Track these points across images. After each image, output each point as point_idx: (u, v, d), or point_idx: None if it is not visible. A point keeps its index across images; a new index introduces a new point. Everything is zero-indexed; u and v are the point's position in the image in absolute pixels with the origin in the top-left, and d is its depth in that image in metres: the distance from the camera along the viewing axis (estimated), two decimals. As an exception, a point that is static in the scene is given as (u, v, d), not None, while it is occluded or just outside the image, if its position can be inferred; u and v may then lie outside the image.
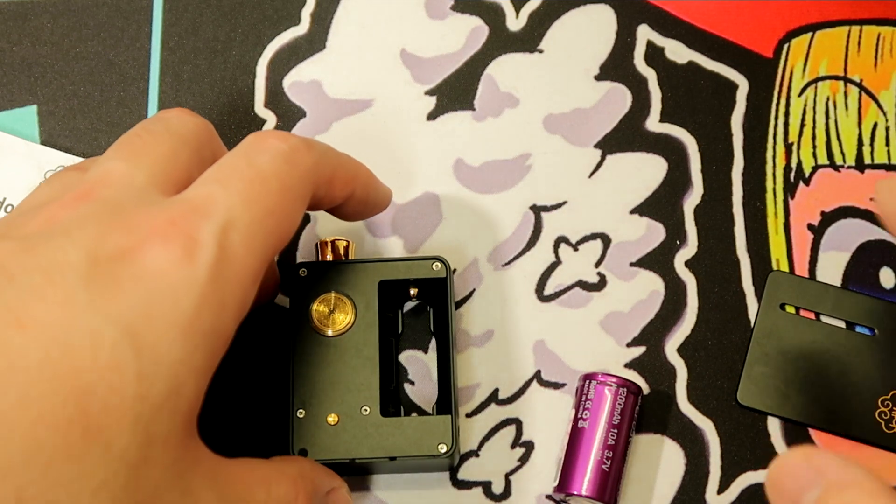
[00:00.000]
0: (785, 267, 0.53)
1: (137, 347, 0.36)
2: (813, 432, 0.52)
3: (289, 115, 0.56)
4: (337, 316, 0.49)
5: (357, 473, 0.51)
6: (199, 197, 0.40)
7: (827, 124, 0.55)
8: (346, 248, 0.51)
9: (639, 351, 0.53)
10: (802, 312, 0.53)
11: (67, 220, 0.39)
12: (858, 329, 0.52)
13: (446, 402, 0.49)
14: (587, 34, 0.57)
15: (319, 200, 0.46)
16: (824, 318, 0.53)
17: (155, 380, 0.37)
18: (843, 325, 0.52)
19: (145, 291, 0.37)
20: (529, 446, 0.52)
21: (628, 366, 0.53)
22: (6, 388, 0.34)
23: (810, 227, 0.54)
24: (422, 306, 0.53)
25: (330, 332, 0.49)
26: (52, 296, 0.36)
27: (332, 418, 0.48)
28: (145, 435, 0.36)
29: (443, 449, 0.48)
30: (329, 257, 0.51)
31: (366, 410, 0.48)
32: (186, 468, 0.39)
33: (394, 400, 0.51)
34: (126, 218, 0.39)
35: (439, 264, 0.50)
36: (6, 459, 0.34)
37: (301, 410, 0.48)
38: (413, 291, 0.51)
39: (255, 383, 0.52)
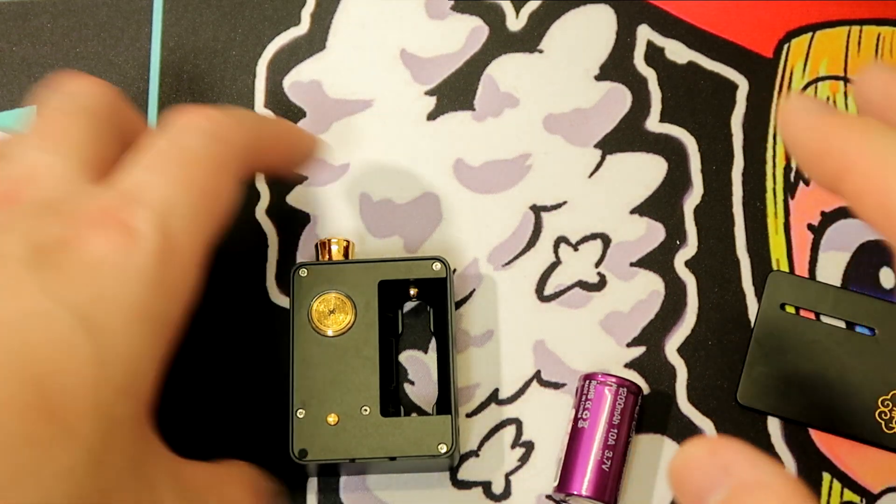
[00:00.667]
0: (785, 267, 0.53)
1: (92, 332, 0.36)
2: (813, 432, 0.52)
3: (289, 115, 0.56)
4: (337, 316, 0.49)
5: (357, 473, 0.51)
6: (133, 185, 0.39)
7: (827, 124, 0.55)
8: (347, 248, 0.51)
9: (639, 351, 0.53)
10: (802, 312, 0.53)
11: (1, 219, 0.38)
12: (858, 329, 0.52)
13: (446, 402, 0.49)
14: (587, 34, 0.57)
15: (252, 170, 0.46)
16: (824, 318, 0.53)
17: (113, 364, 0.36)
18: (843, 325, 0.52)
19: (93, 277, 0.37)
20: (529, 446, 0.52)
21: (628, 366, 0.53)
22: None
23: (810, 227, 0.54)
24: (422, 306, 0.53)
25: (330, 332, 0.49)
26: (1, 284, 0.36)
27: (332, 418, 0.48)
28: (107, 420, 0.36)
29: (443, 449, 0.48)
30: (329, 257, 0.51)
31: (366, 410, 0.48)
32: (146, 459, 0.38)
33: (394, 400, 0.51)
34: (60, 212, 0.38)
35: (439, 264, 0.50)
36: None
37: (301, 410, 0.48)
38: (413, 291, 0.51)
39: (255, 383, 0.52)
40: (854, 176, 0.34)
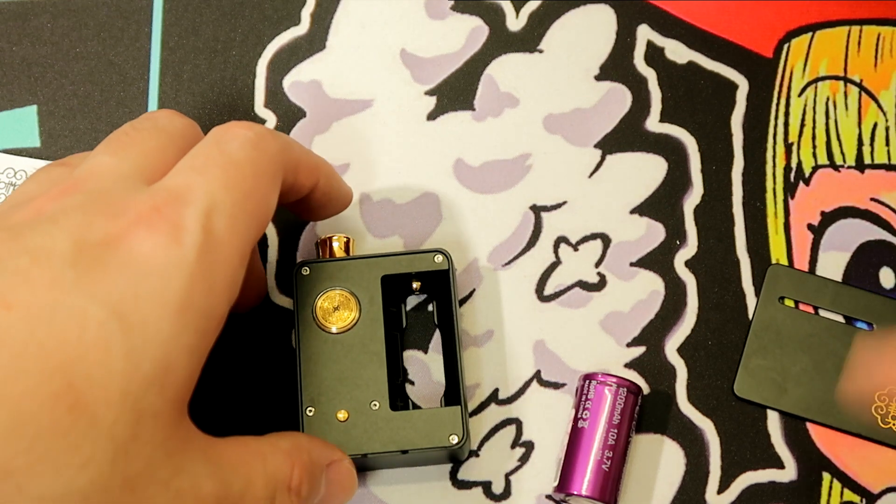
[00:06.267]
0: (785, 267, 0.54)
1: (125, 326, 0.37)
2: (813, 432, 0.52)
3: (289, 115, 0.56)
4: (341, 312, 0.49)
5: (368, 468, 0.51)
6: (179, 185, 0.41)
7: (827, 124, 0.55)
8: (347, 244, 0.51)
9: (639, 351, 0.53)
10: (801, 306, 0.53)
11: (54, 210, 0.40)
12: (857, 324, 0.52)
13: (455, 393, 0.49)
14: (587, 34, 0.57)
15: (289, 188, 0.46)
16: (823, 312, 0.53)
17: (144, 357, 0.37)
18: (841, 319, 0.52)
19: (133, 274, 0.38)
20: (529, 446, 0.52)
21: (628, 366, 0.53)
22: None
23: (810, 227, 0.54)
24: (420, 304, 0.53)
25: (335, 329, 0.49)
26: (38, 278, 0.36)
27: (341, 415, 0.48)
28: (134, 411, 0.37)
29: (454, 440, 0.48)
30: (330, 254, 0.51)
31: (375, 405, 0.48)
32: (178, 447, 0.39)
33: (402, 394, 0.51)
34: (110, 205, 0.39)
35: (441, 256, 0.50)
36: None
37: (310, 409, 0.48)
38: (416, 285, 0.51)
39: (262, 384, 0.52)
40: None
